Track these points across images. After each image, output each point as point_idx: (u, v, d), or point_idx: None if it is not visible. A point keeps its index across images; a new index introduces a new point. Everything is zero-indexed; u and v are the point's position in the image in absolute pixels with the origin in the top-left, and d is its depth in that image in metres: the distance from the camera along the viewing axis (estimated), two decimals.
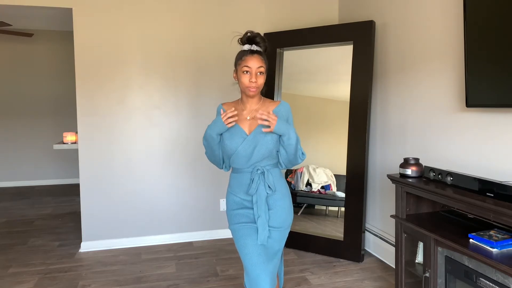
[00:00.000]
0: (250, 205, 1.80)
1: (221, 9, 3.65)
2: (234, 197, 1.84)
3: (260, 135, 1.75)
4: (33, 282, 2.84)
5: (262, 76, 1.77)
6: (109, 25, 3.40)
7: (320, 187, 3.40)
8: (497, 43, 1.90)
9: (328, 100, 3.38)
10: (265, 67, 1.78)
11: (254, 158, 1.76)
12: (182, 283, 2.81)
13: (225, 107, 1.86)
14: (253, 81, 1.73)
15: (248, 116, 1.82)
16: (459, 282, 1.86)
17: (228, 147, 1.78)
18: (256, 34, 1.78)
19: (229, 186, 1.90)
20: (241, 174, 1.81)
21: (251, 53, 1.75)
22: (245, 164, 1.78)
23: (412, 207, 2.26)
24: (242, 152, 1.76)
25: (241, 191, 1.81)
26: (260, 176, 1.77)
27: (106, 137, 3.45)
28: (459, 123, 2.34)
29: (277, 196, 1.80)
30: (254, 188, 1.76)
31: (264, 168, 1.78)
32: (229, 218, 1.86)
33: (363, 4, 3.42)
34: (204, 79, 3.65)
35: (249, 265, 1.72)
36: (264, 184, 1.77)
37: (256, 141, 1.75)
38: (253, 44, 1.77)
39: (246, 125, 1.81)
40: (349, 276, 2.89)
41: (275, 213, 1.79)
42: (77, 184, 6.42)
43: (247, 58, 1.74)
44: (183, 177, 3.65)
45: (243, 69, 1.74)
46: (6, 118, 6.30)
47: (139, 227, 3.57)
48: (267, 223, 1.76)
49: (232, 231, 1.84)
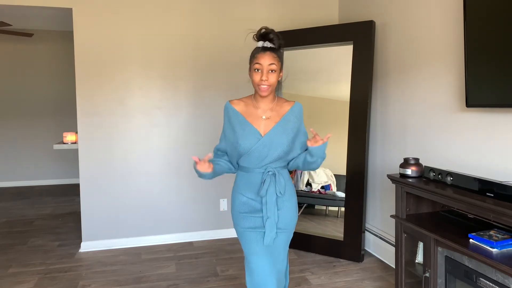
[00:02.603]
0: (258, 205, 1.75)
1: (222, 9, 3.65)
2: (241, 197, 1.78)
3: (276, 137, 1.70)
4: (33, 282, 2.84)
5: (274, 74, 1.70)
6: (109, 25, 3.40)
7: (320, 187, 3.40)
8: (497, 43, 1.90)
9: (328, 100, 3.38)
10: (278, 65, 1.71)
11: (268, 159, 1.71)
12: (182, 283, 2.81)
13: (235, 106, 1.79)
14: (263, 79, 1.67)
15: (263, 116, 1.75)
16: (459, 282, 1.86)
17: (242, 147, 1.71)
18: (270, 30, 1.72)
19: (235, 185, 1.83)
20: (250, 174, 1.76)
21: (263, 50, 1.70)
22: (257, 164, 1.73)
23: (412, 207, 2.26)
24: (256, 152, 1.70)
25: (249, 191, 1.76)
26: (272, 177, 1.72)
27: (106, 137, 3.45)
28: (459, 123, 2.34)
29: (285, 198, 1.77)
30: (265, 189, 1.71)
31: (275, 169, 1.73)
32: (235, 219, 1.81)
33: (363, 4, 3.43)
34: (205, 79, 3.65)
35: (255, 269, 1.71)
36: (275, 186, 1.72)
37: (271, 142, 1.70)
38: (267, 40, 1.71)
39: (261, 124, 1.74)
40: (349, 276, 2.89)
41: (283, 213, 1.76)
42: (77, 184, 6.41)
43: (258, 55, 1.69)
44: (183, 177, 3.65)
45: (254, 67, 1.70)
46: (6, 118, 6.30)
47: (139, 227, 3.57)
48: (275, 225, 1.73)
49: (238, 234, 1.80)
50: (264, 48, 1.71)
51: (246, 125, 1.72)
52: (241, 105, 1.79)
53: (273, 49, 1.71)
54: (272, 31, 1.72)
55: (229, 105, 1.80)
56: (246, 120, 1.74)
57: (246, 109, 1.78)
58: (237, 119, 1.76)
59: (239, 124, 1.74)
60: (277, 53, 1.72)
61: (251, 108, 1.78)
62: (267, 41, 1.72)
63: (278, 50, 1.73)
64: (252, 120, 1.74)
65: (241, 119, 1.75)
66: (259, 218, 1.75)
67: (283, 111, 1.78)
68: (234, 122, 1.76)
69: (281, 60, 1.73)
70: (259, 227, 1.75)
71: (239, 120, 1.75)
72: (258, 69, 1.69)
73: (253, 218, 1.76)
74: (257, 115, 1.76)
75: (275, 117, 1.76)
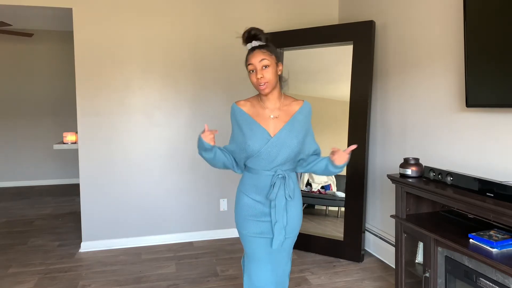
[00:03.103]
0: (264, 209, 1.71)
1: (222, 8, 3.65)
2: (246, 199, 1.73)
3: (286, 137, 1.66)
4: (33, 282, 2.84)
5: (268, 69, 1.64)
6: (109, 25, 3.40)
7: (320, 187, 3.41)
8: (497, 43, 1.90)
9: (328, 100, 3.38)
10: (271, 59, 1.65)
11: (278, 160, 1.67)
12: (182, 283, 2.81)
13: (241, 107, 1.73)
14: (258, 77, 1.63)
15: (271, 115, 1.71)
16: (459, 282, 1.86)
17: (250, 148, 1.66)
18: (251, 28, 1.69)
19: (242, 185, 1.77)
20: (258, 176, 1.70)
21: (251, 50, 1.68)
22: (265, 166, 1.68)
23: (412, 207, 2.26)
24: (265, 154, 1.65)
25: (256, 193, 1.71)
26: (282, 181, 1.68)
27: (106, 137, 3.45)
28: (459, 123, 2.33)
29: (293, 202, 1.73)
30: (275, 193, 1.66)
31: (285, 172, 1.69)
32: (240, 223, 1.76)
33: (363, 4, 3.42)
34: (204, 79, 3.65)
35: (254, 276, 1.70)
36: (285, 190, 1.68)
37: (282, 143, 1.65)
38: (252, 40, 1.69)
39: (269, 125, 1.69)
40: (349, 276, 2.89)
41: (290, 218, 1.72)
42: (77, 184, 6.41)
43: (248, 57, 1.67)
44: (183, 177, 3.65)
45: (249, 69, 1.67)
46: (6, 118, 6.30)
47: (139, 227, 3.57)
48: (284, 229, 1.69)
49: (242, 238, 1.76)
50: (253, 48, 1.68)
51: (254, 125, 1.68)
52: (248, 105, 1.74)
53: (261, 46, 1.68)
54: (253, 28, 1.68)
55: (235, 107, 1.75)
56: (254, 120, 1.69)
57: (253, 109, 1.73)
58: (244, 120, 1.71)
59: (247, 124, 1.70)
60: (266, 49, 1.67)
61: (258, 108, 1.73)
62: (253, 40, 1.68)
63: (267, 46, 1.69)
64: (260, 120, 1.70)
65: (249, 119, 1.70)
66: (265, 223, 1.71)
67: (292, 110, 1.73)
68: (242, 123, 1.71)
69: (273, 53, 1.68)
70: (265, 232, 1.71)
71: (247, 120, 1.70)
72: (252, 70, 1.66)
73: (259, 223, 1.71)
74: (265, 115, 1.71)
75: (283, 116, 1.72)
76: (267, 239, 1.71)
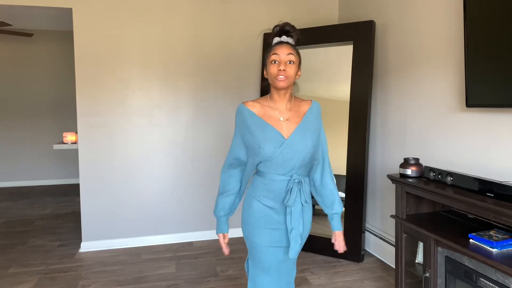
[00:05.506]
0: (277, 216, 1.62)
1: (222, 8, 3.65)
2: (258, 204, 1.63)
3: (300, 138, 1.58)
4: (33, 282, 2.84)
5: (292, 66, 1.55)
6: (109, 25, 3.40)
7: None
8: (497, 43, 1.90)
9: (328, 100, 3.37)
10: (297, 59, 1.58)
11: (293, 164, 1.57)
12: (182, 283, 2.81)
13: (250, 108, 1.62)
14: (281, 68, 1.52)
15: (282, 117, 1.61)
16: (459, 282, 1.86)
17: (265, 151, 1.55)
18: (285, 23, 1.61)
19: (253, 189, 1.66)
20: (272, 181, 1.60)
21: (280, 43, 1.59)
22: (280, 170, 1.58)
23: (412, 207, 2.26)
24: (280, 157, 1.55)
25: (269, 198, 1.61)
26: (298, 186, 1.58)
27: (106, 137, 3.45)
28: (459, 123, 2.33)
29: (308, 207, 1.67)
30: (293, 199, 1.56)
31: (301, 177, 1.60)
32: (251, 231, 1.66)
33: (363, 4, 3.42)
34: (205, 79, 3.65)
35: (263, 282, 1.65)
36: (301, 195, 1.60)
37: (296, 145, 1.56)
38: (283, 35, 1.60)
39: (282, 126, 1.60)
40: (349, 276, 2.89)
41: (305, 224, 1.67)
42: (77, 184, 6.41)
43: (276, 47, 1.57)
44: (183, 177, 3.65)
45: (271, 59, 1.56)
46: (6, 118, 6.30)
47: (139, 227, 3.57)
48: (299, 236, 1.60)
49: (251, 246, 1.68)
50: (281, 42, 1.59)
51: (267, 127, 1.57)
52: (257, 106, 1.63)
53: (289, 43, 1.60)
54: (287, 24, 1.60)
55: (243, 107, 1.62)
56: (266, 122, 1.59)
57: (263, 111, 1.62)
58: (255, 122, 1.59)
59: (258, 127, 1.58)
60: (294, 48, 1.59)
61: (268, 109, 1.63)
62: (284, 36, 1.60)
63: (295, 47, 1.62)
64: (271, 121, 1.60)
65: (260, 121, 1.59)
66: (278, 231, 1.63)
67: (302, 111, 1.66)
68: (252, 125, 1.59)
69: (299, 56, 1.60)
70: (277, 240, 1.63)
71: (258, 122, 1.59)
72: (275, 61, 1.55)
73: (271, 231, 1.63)
74: (276, 117, 1.61)
75: (294, 117, 1.63)
76: (279, 248, 1.64)
